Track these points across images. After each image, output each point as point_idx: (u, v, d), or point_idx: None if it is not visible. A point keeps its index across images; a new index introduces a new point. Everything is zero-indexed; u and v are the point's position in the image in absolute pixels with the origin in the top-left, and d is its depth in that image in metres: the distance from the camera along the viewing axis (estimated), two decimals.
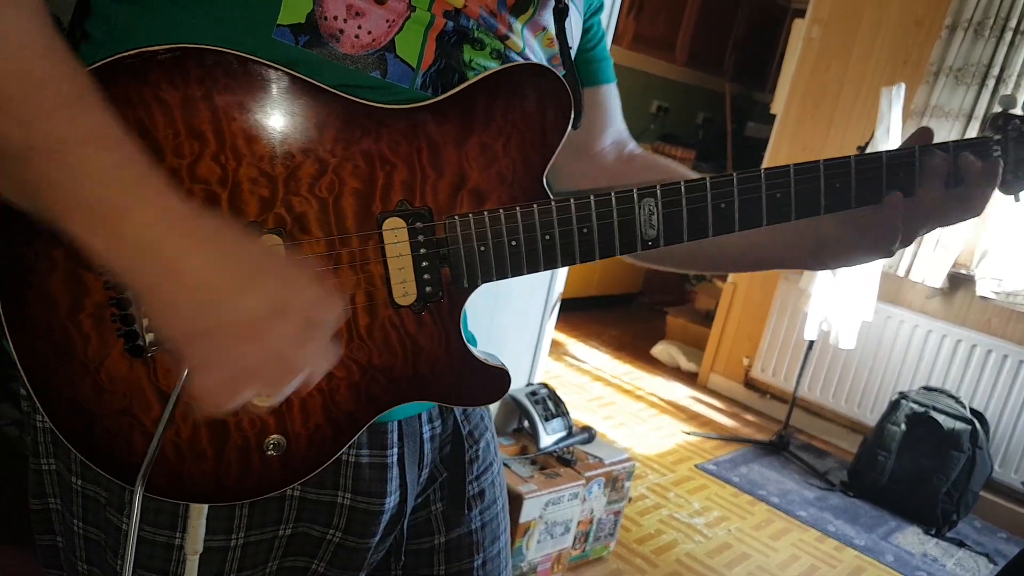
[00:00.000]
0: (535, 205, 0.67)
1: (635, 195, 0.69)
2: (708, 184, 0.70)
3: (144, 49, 0.56)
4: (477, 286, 0.68)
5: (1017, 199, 0.81)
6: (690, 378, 4.39)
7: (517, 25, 0.70)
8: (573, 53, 0.79)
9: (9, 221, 0.58)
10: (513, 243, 0.67)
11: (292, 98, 0.59)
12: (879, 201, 0.75)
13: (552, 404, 2.48)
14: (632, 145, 0.94)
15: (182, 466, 0.64)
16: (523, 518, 2.14)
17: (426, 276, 0.65)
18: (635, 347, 4.75)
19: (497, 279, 0.68)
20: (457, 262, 0.66)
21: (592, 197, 0.68)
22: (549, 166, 0.67)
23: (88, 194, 0.50)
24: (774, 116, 4.05)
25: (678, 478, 3.18)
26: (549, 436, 2.38)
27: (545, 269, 0.69)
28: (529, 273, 0.69)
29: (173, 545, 0.68)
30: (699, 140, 6.01)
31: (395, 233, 0.63)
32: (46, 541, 0.76)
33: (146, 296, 0.53)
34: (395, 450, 0.76)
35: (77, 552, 0.73)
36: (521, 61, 0.66)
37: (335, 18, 0.61)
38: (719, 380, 4.27)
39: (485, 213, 0.66)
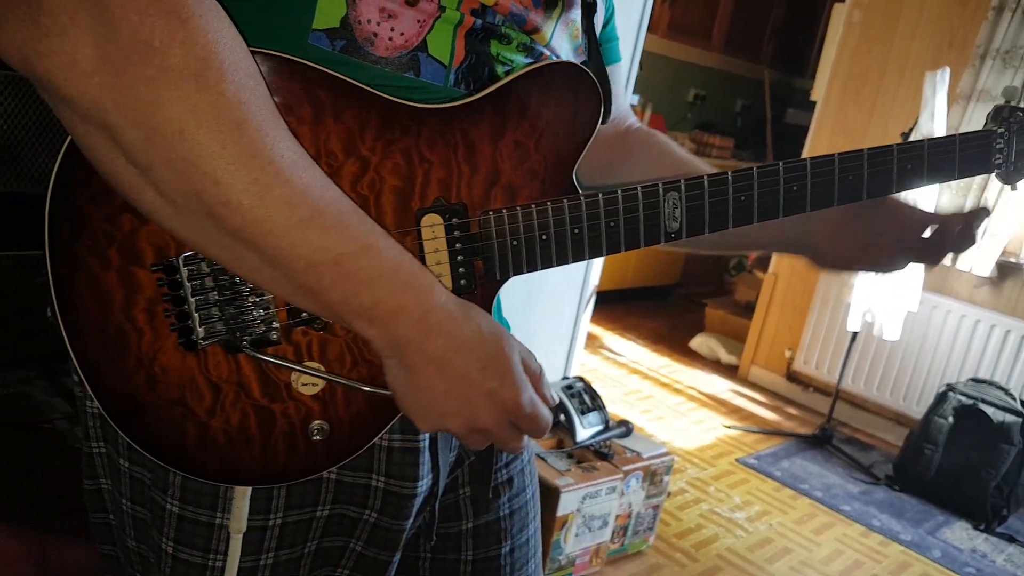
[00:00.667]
0: (565, 200, 0.69)
1: (660, 189, 0.71)
2: (730, 178, 0.72)
3: None
4: (509, 278, 0.70)
5: (1014, 188, 0.85)
6: (730, 371, 4.34)
7: (549, 22, 0.71)
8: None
9: (60, 222, 0.59)
10: (544, 237, 0.69)
11: (335, 98, 0.60)
12: (891, 192, 0.80)
13: (588, 398, 2.46)
14: (631, 121, 0.96)
15: (231, 451, 0.66)
16: (560, 511, 2.13)
17: (461, 270, 0.67)
18: (673, 340, 4.71)
19: (528, 272, 0.70)
20: (490, 256, 0.68)
21: (619, 192, 0.70)
22: (579, 162, 0.69)
23: (366, 299, 0.56)
24: (814, 103, 3.97)
25: (718, 472, 3.14)
26: (586, 430, 2.37)
27: (573, 261, 0.71)
28: (558, 265, 0.70)
29: (214, 524, 0.70)
30: (738, 128, 5.93)
31: (432, 230, 0.65)
32: (99, 519, 0.79)
33: (408, 372, 0.60)
34: (427, 435, 0.77)
35: (127, 530, 0.76)
36: (553, 60, 0.67)
37: (368, 21, 0.62)
38: (760, 373, 4.21)
39: (518, 209, 0.68)
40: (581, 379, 2.52)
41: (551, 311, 2.36)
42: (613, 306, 5.00)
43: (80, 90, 0.47)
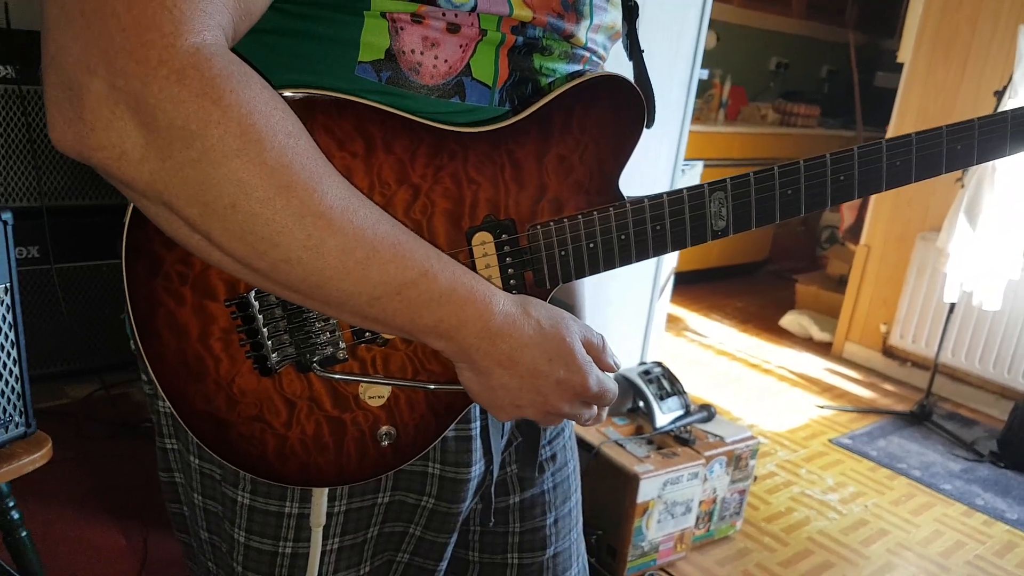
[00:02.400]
0: (611, 209, 0.71)
1: (706, 191, 0.72)
2: (776, 173, 0.73)
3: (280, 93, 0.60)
4: (559, 285, 0.72)
5: None
6: (823, 348, 4.21)
7: (582, 25, 0.72)
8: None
9: (136, 263, 0.64)
10: (591, 245, 0.71)
11: (384, 131, 0.63)
12: (940, 173, 0.78)
13: (667, 383, 2.44)
14: None
15: (308, 458, 0.70)
16: (640, 498, 2.12)
17: (512, 281, 0.70)
18: (762, 318, 4.60)
19: (576, 279, 0.72)
20: (539, 267, 0.71)
21: (665, 196, 0.71)
22: (623, 170, 0.71)
23: (429, 319, 0.60)
24: (901, 65, 3.79)
25: (810, 454, 3.06)
26: (665, 415, 2.35)
27: (621, 265, 0.73)
28: (606, 270, 0.73)
29: (283, 513, 0.75)
30: (824, 95, 5.71)
31: (483, 247, 0.68)
32: (175, 509, 0.84)
33: (481, 374, 0.65)
34: (477, 423, 0.80)
35: (199, 522, 0.81)
36: (595, 74, 0.68)
37: (412, 51, 0.63)
38: (855, 349, 4.07)
39: (565, 221, 0.70)
40: (659, 364, 2.50)
41: (623, 296, 2.34)
42: (698, 286, 4.91)
43: (134, 176, 0.50)
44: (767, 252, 5.53)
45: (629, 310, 2.38)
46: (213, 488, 0.77)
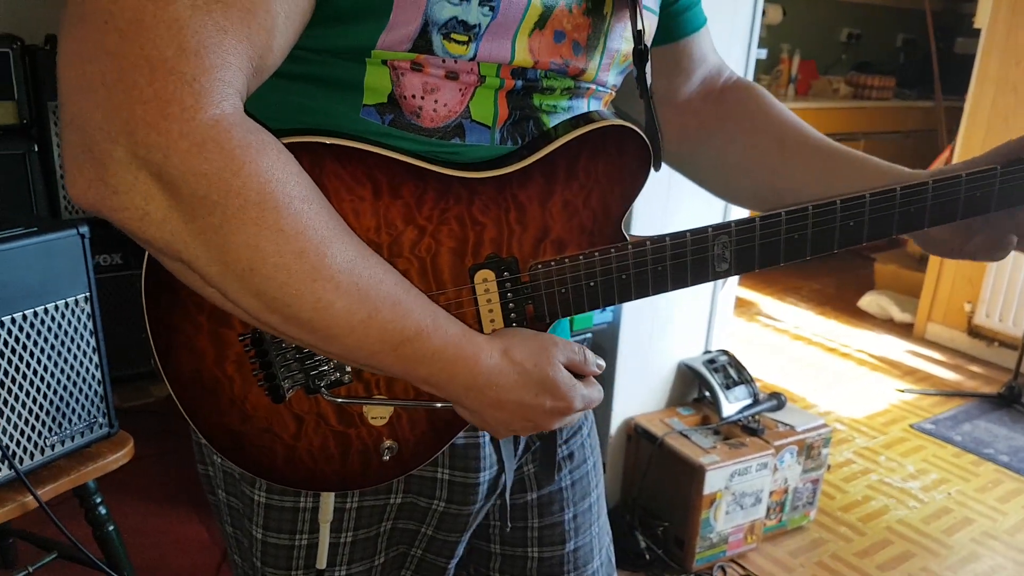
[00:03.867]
0: (612, 250, 0.72)
1: (710, 235, 0.73)
2: (783, 218, 0.74)
3: (289, 141, 0.62)
4: (558, 319, 0.74)
5: None
6: (905, 330, 4.07)
7: (593, 60, 0.73)
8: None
9: (156, 295, 0.68)
10: (591, 284, 0.73)
11: (391, 177, 0.65)
12: (956, 219, 0.79)
13: (734, 371, 2.40)
14: (726, 76, 0.96)
15: (315, 467, 0.74)
16: (707, 490, 2.10)
17: (512, 315, 0.73)
18: (840, 300, 4.47)
19: (575, 314, 0.74)
20: (540, 302, 0.73)
21: (668, 239, 0.72)
22: (625, 213, 0.73)
23: (422, 373, 0.65)
24: (979, 31, 3.61)
25: (890, 440, 2.97)
26: (732, 405, 2.31)
27: (619, 303, 0.75)
28: (605, 306, 0.75)
29: (298, 508, 0.80)
30: (900, 65, 5.49)
31: (486, 284, 0.71)
32: (211, 500, 0.89)
33: (474, 413, 0.70)
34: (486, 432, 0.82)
35: (224, 516, 0.86)
36: (603, 123, 0.69)
37: (413, 96, 0.66)
38: (938, 330, 3.92)
39: (566, 260, 0.72)
40: (725, 352, 2.46)
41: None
42: (771, 269, 4.79)
43: (155, 235, 0.53)
44: None
45: (691, 298, 2.35)
46: (234, 486, 0.82)
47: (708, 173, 0.96)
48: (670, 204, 2.16)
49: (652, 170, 0.75)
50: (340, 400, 0.71)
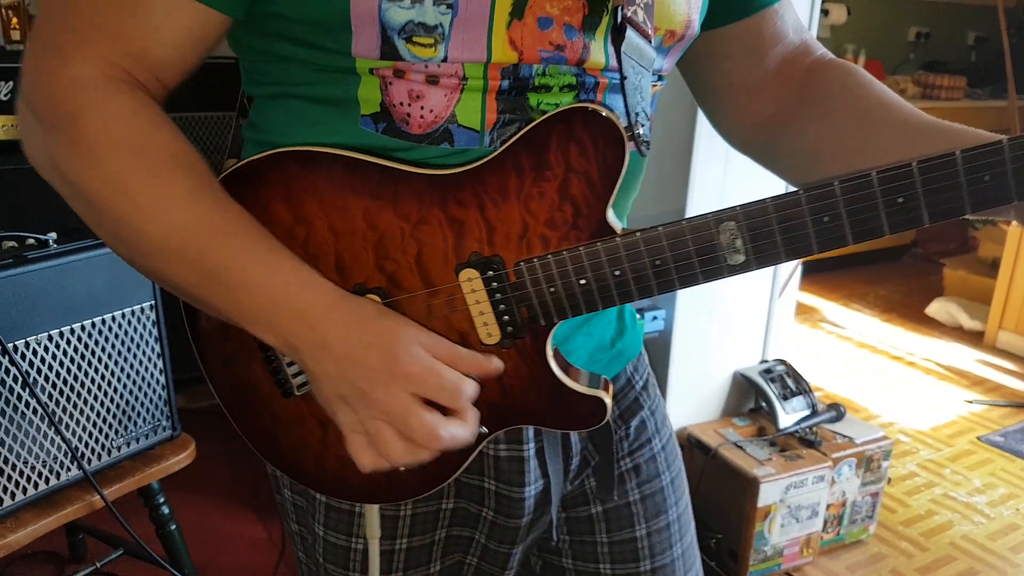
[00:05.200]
0: (599, 243, 0.67)
1: (710, 220, 0.65)
2: (803, 199, 0.64)
3: (251, 159, 0.68)
4: (555, 324, 0.70)
5: None
6: (974, 338, 3.93)
7: (596, 44, 0.69)
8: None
9: (191, 306, 0.75)
10: (583, 282, 0.68)
11: (370, 180, 0.67)
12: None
13: (791, 381, 2.36)
14: (814, 57, 0.84)
15: (342, 474, 0.77)
16: (761, 502, 2.07)
17: (506, 317, 0.70)
18: (907, 307, 4.34)
19: (573, 316, 0.70)
20: (531, 303, 0.69)
21: (661, 229, 0.66)
22: (611, 201, 0.67)
23: (248, 305, 0.64)
24: None
25: (956, 453, 2.88)
26: (789, 416, 2.27)
27: (622, 303, 0.69)
28: (606, 308, 0.69)
29: (354, 512, 0.82)
30: (971, 63, 5.31)
31: (471, 283, 0.69)
32: (277, 499, 0.92)
33: (306, 365, 0.65)
34: (532, 444, 0.82)
35: (290, 514, 0.89)
36: (567, 106, 0.65)
37: (400, 104, 0.67)
38: (1010, 338, 3.78)
39: (550, 256, 0.68)
40: (783, 361, 2.42)
41: (739, 292, 2.28)
42: (835, 274, 4.70)
43: (36, 160, 0.67)
44: (912, 235, 5.21)
45: (747, 306, 2.32)
46: (298, 484, 0.84)
47: (786, 162, 0.85)
48: (727, 185, 2.11)
49: (639, 155, 0.71)
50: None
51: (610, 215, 0.67)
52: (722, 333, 2.30)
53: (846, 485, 2.25)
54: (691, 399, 2.31)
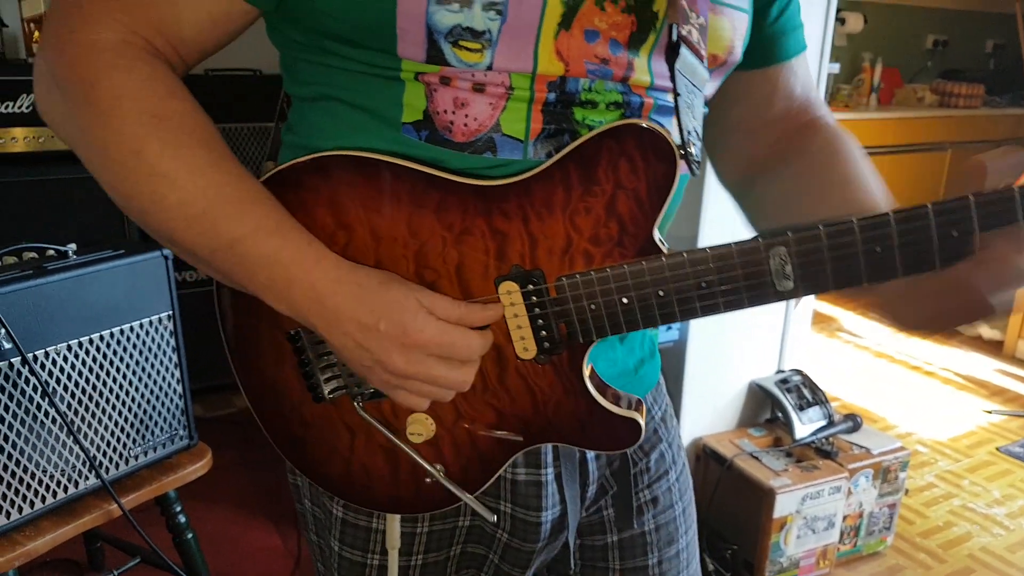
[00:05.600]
0: (644, 262, 0.66)
1: (761, 245, 0.63)
2: (856, 227, 0.61)
3: (294, 162, 0.68)
4: (593, 341, 0.69)
5: None
6: (994, 348, 3.90)
7: (640, 60, 0.69)
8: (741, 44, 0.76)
9: (227, 306, 0.76)
10: (625, 300, 0.67)
11: (415, 188, 0.67)
12: None
13: (808, 391, 2.35)
14: (813, 116, 0.87)
15: (369, 482, 0.77)
16: (777, 513, 2.06)
17: (543, 333, 0.69)
18: None
19: (613, 334, 0.68)
20: (570, 319, 0.68)
21: (709, 252, 0.65)
22: (659, 219, 0.66)
23: (262, 276, 0.65)
24: None
25: (975, 464, 2.85)
26: (805, 426, 2.26)
27: (663, 324, 0.68)
28: (646, 328, 0.68)
29: (371, 528, 0.83)
30: (989, 72, 5.28)
31: (510, 296, 0.68)
32: (298, 508, 0.93)
33: (325, 338, 0.67)
34: (551, 469, 0.81)
35: (309, 525, 0.89)
36: (619, 122, 0.65)
37: (444, 112, 0.67)
38: None
39: (592, 273, 0.67)
40: (799, 372, 2.41)
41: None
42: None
43: (52, 123, 0.68)
44: None
45: (764, 315, 2.31)
46: (318, 497, 0.85)
47: (749, 203, 0.89)
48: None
49: (691, 175, 0.70)
50: (364, 416, 0.73)
51: (656, 234, 0.66)
52: (738, 343, 2.29)
53: (863, 496, 2.23)
54: (706, 409, 2.30)
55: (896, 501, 2.30)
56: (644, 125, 0.64)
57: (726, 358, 2.28)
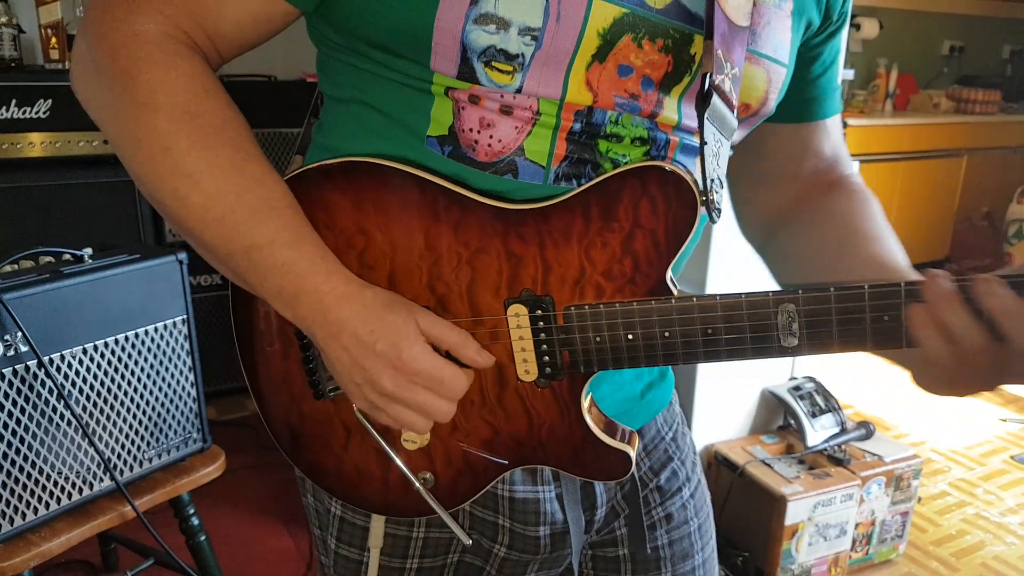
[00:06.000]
0: (653, 301, 0.67)
1: (771, 300, 0.64)
2: (866, 293, 0.62)
3: (323, 163, 0.70)
4: (595, 372, 0.70)
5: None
6: None
7: (670, 100, 0.69)
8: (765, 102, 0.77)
9: (240, 303, 0.78)
10: (630, 336, 0.68)
11: (437, 203, 0.68)
12: None
13: (821, 399, 2.34)
14: (845, 175, 0.88)
15: (360, 481, 0.78)
16: (788, 520, 2.05)
17: (546, 358, 0.70)
18: None
19: (615, 369, 0.69)
20: (575, 348, 0.69)
21: (718, 299, 0.65)
22: (674, 261, 0.67)
23: (273, 284, 0.67)
24: None
25: (989, 472, 2.83)
26: (817, 433, 2.25)
27: (666, 365, 0.69)
28: (649, 366, 0.69)
29: (367, 527, 0.84)
30: (1006, 78, 5.24)
31: (517, 318, 0.69)
32: (304, 502, 0.93)
33: (323, 349, 0.68)
34: (551, 487, 0.82)
35: (312, 519, 0.90)
36: (643, 164, 0.65)
37: (470, 130, 0.68)
38: None
39: (601, 306, 0.68)
40: (812, 379, 2.40)
41: None
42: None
43: (88, 105, 0.69)
44: (947, 250, 5.14)
45: None
46: (319, 492, 0.86)
47: (771, 256, 0.90)
48: (752, 258, 2.10)
49: (711, 222, 0.71)
50: (361, 419, 0.74)
51: (669, 275, 0.67)
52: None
53: (875, 504, 2.22)
54: (719, 416, 2.30)
55: (909, 509, 2.29)
56: (668, 169, 0.64)
57: (739, 365, 2.28)
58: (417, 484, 0.74)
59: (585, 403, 0.71)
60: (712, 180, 0.70)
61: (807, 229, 0.85)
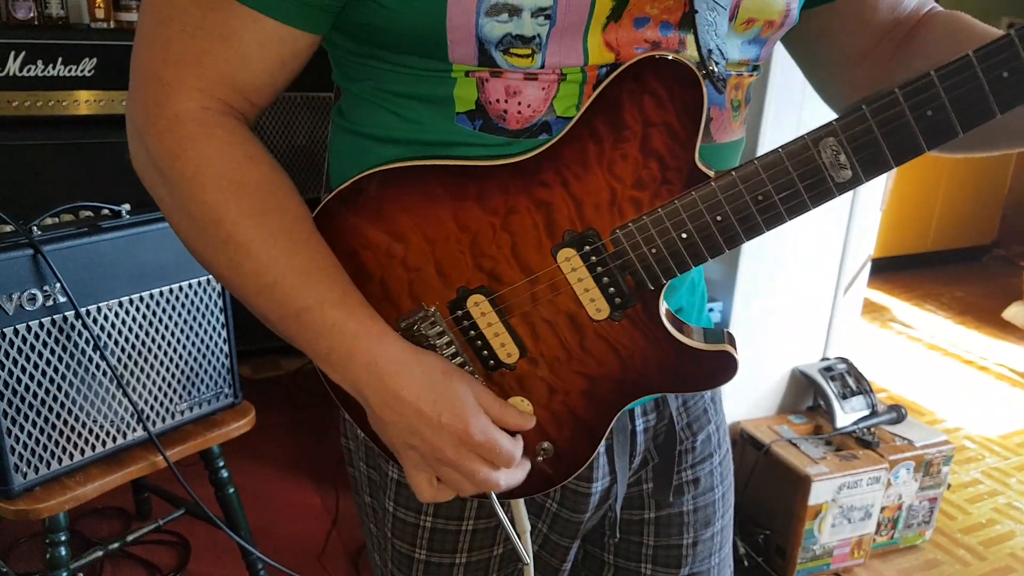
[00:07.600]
0: (693, 192, 0.65)
1: (808, 142, 0.62)
2: (900, 96, 0.59)
3: (334, 193, 0.70)
4: (663, 285, 0.69)
5: None
6: None
7: (691, 37, 0.68)
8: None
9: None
10: (684, 235, 0.66)
11: (452, 183, 0.68)
12: None
13: (852, 380, 2.31)
14: (924, 13, 0.82)
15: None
16: (812, 501, 2.04)
17: (611, 289, 0.69)
18: (983, 309, 4.18)
19: (681, 273, 0.68)
20: (635, 270, 0.68)
21: (757, 163, 0.63)
22: (698, 145, 0.65)
23: (323, 346, 0.68)
24: None
25: (1023, 462, 2.78)
26: (847, 415, 2.23)
27: (729, 248, 0.67)
28: (714, 256, 0.67)
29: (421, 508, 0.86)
30: None
31: (570, 262, 0.68)
32: (350, 471, 0.95)
33: (373, 412, 0.70)
34: (603, 441, 0.81)
35: (363, 487, 0.91)
36: (630, 61, 0.63)
37: (497, 101, 0.67)
38: None
39: (645, 217, 0.66)
40: (844, 360, 2.37)
41: (801, 286, 2.24)
42: (909, 272, 4.56)
43: (151, 189, 0.70)
44: (994, 234, 5.01)
45: (809, 302, 2.28)
46: (374, 459, 0.87)
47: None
48: (804, 115, 2.02)
49: (716, 92, 0.69)
50: None
51: (699, 161, 0.65)
52: (782, 328, 2.26)
53: (903, 488, 2.20)
54: (746, 394, 2.29)
55: (938, 495, 2.26)
56: (657, 57, 0.63)
57: (769, 342, 2.26)
58: (521, 551, 0.79)
59: (664, 317, 0.70)
60: (709, 51, 0.68)
61: (914, 62, 0.79)
